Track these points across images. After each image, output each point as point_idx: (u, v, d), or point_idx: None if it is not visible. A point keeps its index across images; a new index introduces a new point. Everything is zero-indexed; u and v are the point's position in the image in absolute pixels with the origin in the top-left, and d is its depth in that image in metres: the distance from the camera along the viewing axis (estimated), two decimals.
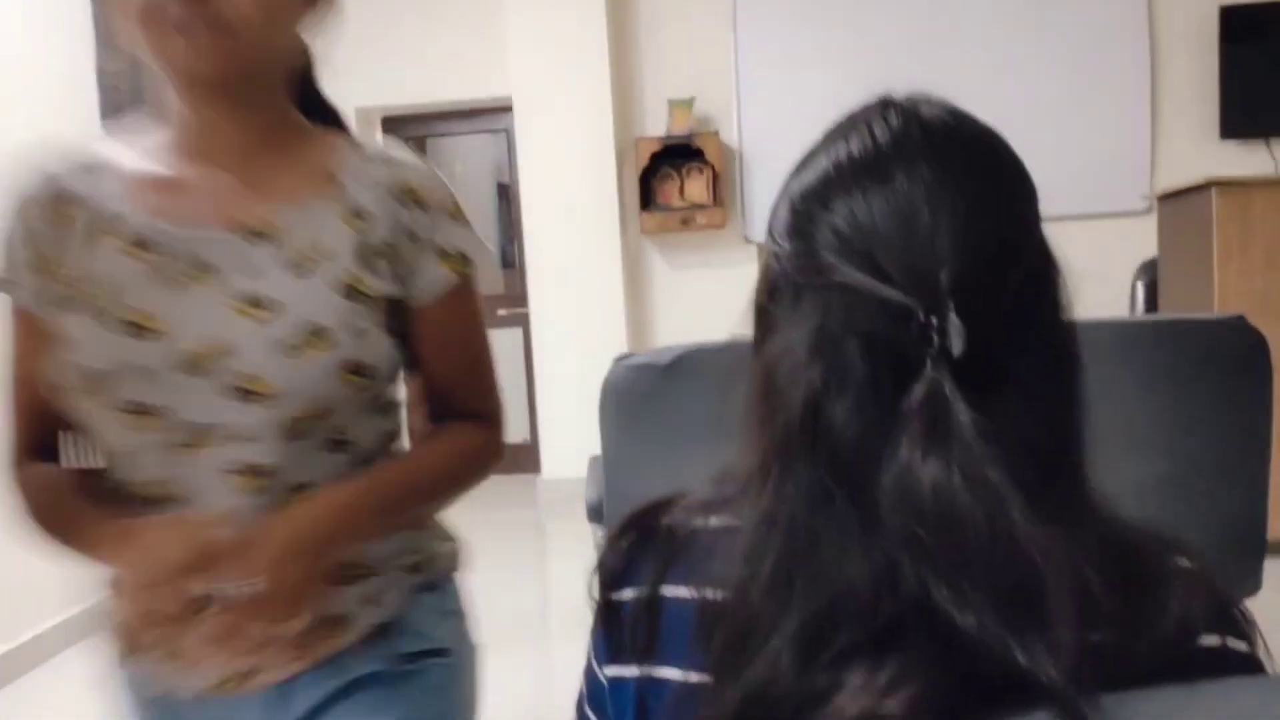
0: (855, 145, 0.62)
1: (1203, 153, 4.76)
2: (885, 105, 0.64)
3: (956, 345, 0.55)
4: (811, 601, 0.58)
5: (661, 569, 0.68)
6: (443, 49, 5.32)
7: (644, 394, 1.96)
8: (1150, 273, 4.17)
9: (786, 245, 0.63)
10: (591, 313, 5.03)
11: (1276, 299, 3.40)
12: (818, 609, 0.57)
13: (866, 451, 0.57)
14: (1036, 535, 0.54)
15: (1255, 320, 3.33)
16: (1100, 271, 4.48)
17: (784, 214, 0.65)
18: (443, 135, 5.94)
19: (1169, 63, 4.90)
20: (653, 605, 0.68)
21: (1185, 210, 3.61)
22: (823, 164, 0.63)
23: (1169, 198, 3.77)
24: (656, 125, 5.24)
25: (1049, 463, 0.58)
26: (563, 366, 5.02)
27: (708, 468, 0.72)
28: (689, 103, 5.10)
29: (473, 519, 0.72)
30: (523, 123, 5.10)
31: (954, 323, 0.55)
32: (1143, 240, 4.40)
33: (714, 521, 0.67)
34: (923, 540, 0.55)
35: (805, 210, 0.62)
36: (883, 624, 0.56)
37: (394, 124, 5.75)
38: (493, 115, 5.60)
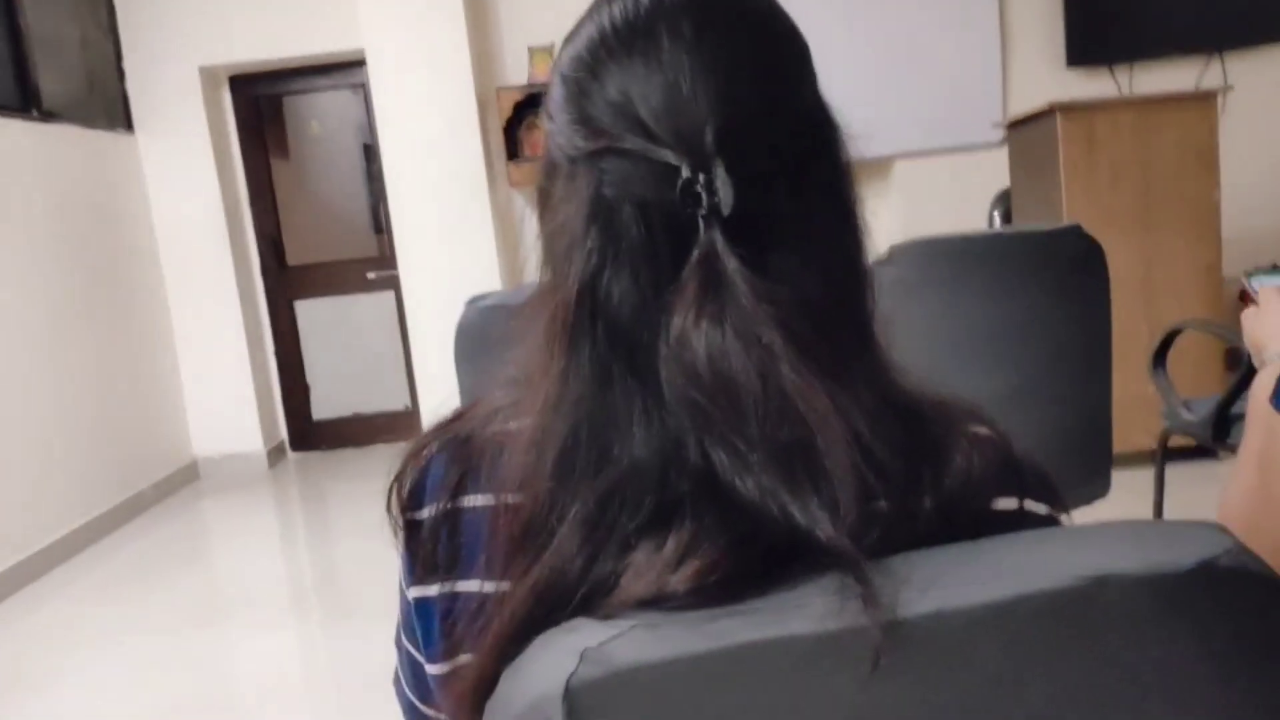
0: (618, 10, 0.61)
1: (1051, 81, 4.91)
2: None
3: (726, 202, 0.54)
4: (597, 485, 0.56)
5: (458, 480, 0.66)
6: (290, 2, 5.08)
7: (498, 337, 1.92)
8: (1005, 201, 4.30)
9: (560, 120, 0.62)
10: (465, 270, 4.92)
11: (1122, 215, 3.54)
12: (603, 492, 0.56)
13: (646, 322, 0.56)
14: (809, 392, 0.53)
15: (1101, 236, 3.47)
16: (962, 203, 4.64)
17: (556, 87, 0.63)
18: (299, 93, 5.69)
19: None
20: (451, 518, 0.65)
21: (1032, 136, 3.72)
22: (589, 31, 0.62)
23: (1017, 125, 3.88)
24: (518, 74, 5.13)
25: (828, 320, 0.57)
26: (438, 327, 4.90)
27: None
28: (550, 49, 5.00)
29: (357, 489, 0.67)
30: (378, 77, 4.91)
31: (721, 179, 0.55)
32: (1000, 170, 4.52)
33: (514, 424, 0.64)
34: (702, 407, 0.54)
35: (575, 81, 0.61)
36: (668, 499, 0.55)
37: (243, 83, 5.49)
38: (349, 70, 5.39)
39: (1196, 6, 4.88)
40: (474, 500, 0.65)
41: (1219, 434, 2.23)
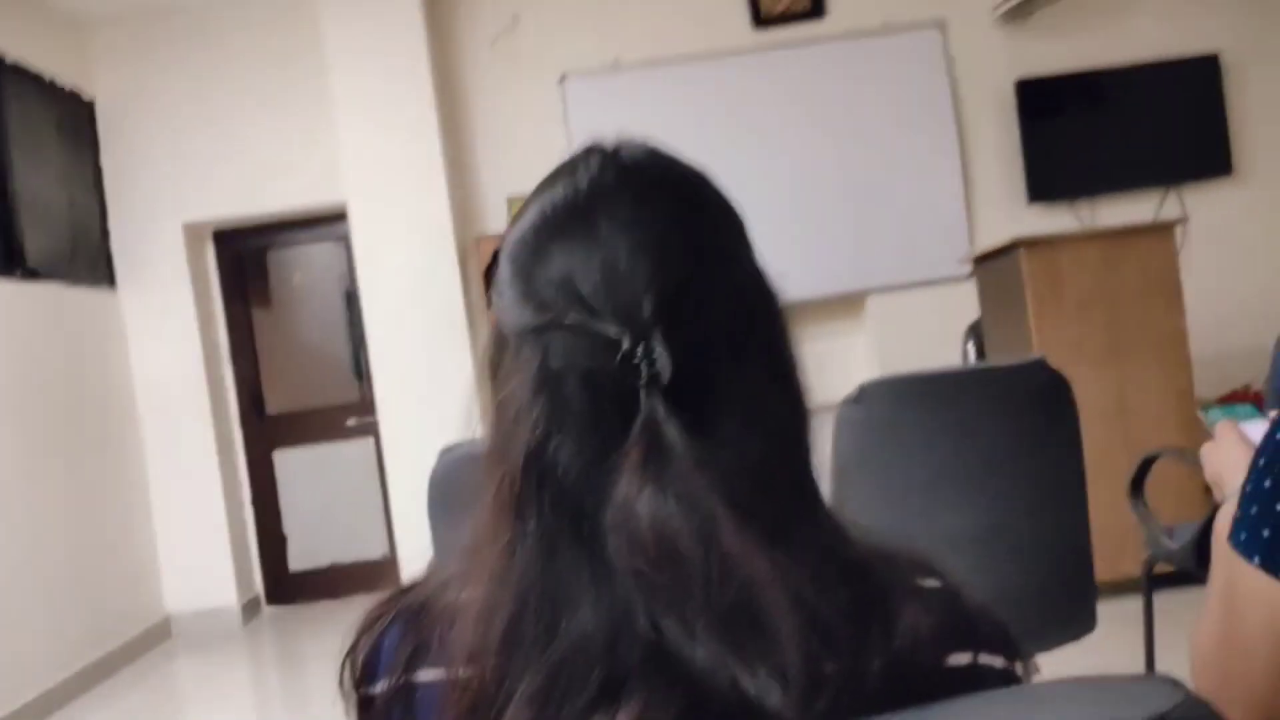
0: (560, 192, 0.64)
1: (1013, 217, 5.07)
2: (589, 151, 0.67)
3: (664, 371, 0.56)
4: (546, 658, 0.56)
5: (412, 654, 0.64)
6: (274, 158, 5.24)
7: (471, 487, 1.90)
8: (977, 333, 4.37)
9: (507, 296, 0.64)
10: (445, 416, 4.91)
11: (1090, 345, 3.60)
12: (552, 666, 0.56)
13: (591, 490, 0.57)
14: (751, 558, 0.54)
15: (1070, 365, 3.50)
16: (935, 335, 4.70)
17: (503, 266, 0.66)
18: (283, 246, 5.81)
19: (974, 135, 5.24)
20: (405, 694, 0.64)
21: (999, 270, 3.81)
22: (532, 214, 0.65)
23: (984, 260, 3.98)
24: (498, 223, 5.26)
25: (770, 482, 0.58)
26: (417, 474, 4.86)
27: None
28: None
29: (334, 647, 0.68)
30: (360, 229, 5.03)
31: (659, 349, 0.57)
32: (971, 301, 4.61)
33: (464, 595, 0.63)
34: (647, 575, 0.55)
35: (520, 260, 0.64)
36: (618, 671, 0.55)
37: (227, 238, 5.60)
38: (330, 224, 5.51)
39: (1151, 144, 5.10)
40: (428, 675, 0.64)
41: (1202, 561, 2.20)
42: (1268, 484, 0.81)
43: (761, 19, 5.25)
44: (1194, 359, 3.82)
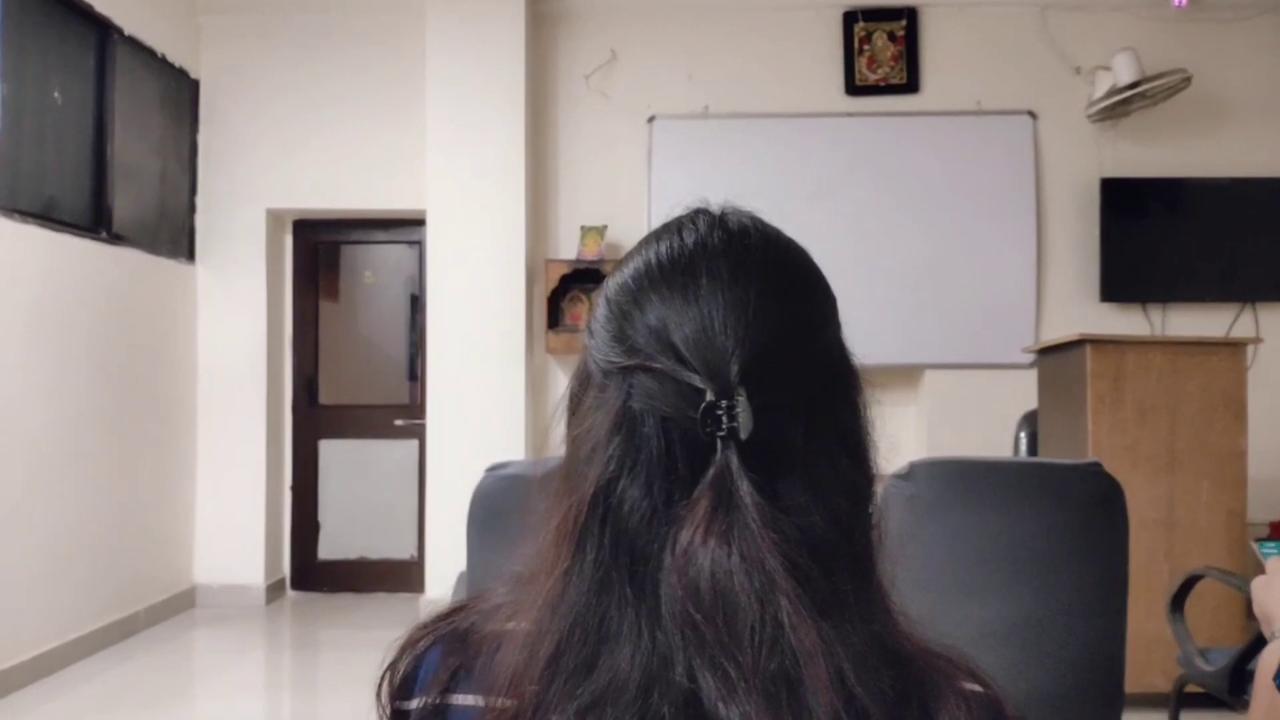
0: (665, 247, 0.67)
1: (1083, 312, 5.03)
2: (697, 213, 0.69)
3: (745, 427, 0.58)
4: (580, 695, 0.57)
5: (450, 676, 0.66)
6: (361, 157, 5.38)
7: (515, 507, 1.92)
8: (1033, 424, 4.32)
9: (600, 336, 0.66)
10: (491, 429, 4.98)
11: (1148, 452, 3.54)
12: (584, 704, 0.56)
13: (653, 534, 0.59)
14: (803, 627, 0.55)
15: (1124, 470, 3.46)
16: (988, 418, 4.66)
17: (600, 308, 0.68)
18: (356, 243, 5.94)
19: (1054, 226, 5.22)
20: (439, 715, 0.65)
21: (1062, 364, 3.78)
22: (637, 263, 0.68)
23: (1048, 351, 3.95)
24: (568, 249, 5.33)
25: (830, 555, 0.59)
26: (456, 483, 4.92)
27: None
28: (601, 230, 5.22)
29: (351, 638, 0.69)
30: (436, 236, 5.14)
31: (742, 406, 0.58)
32: (1029, 390, 4.57)
33: (512, 624, 0.65)
34: (698, 625, 0.55)
35: (618, 304, 0.66)
36: (651, 716, 0.55)
37: (306, 228, 5.74)
38: (407, 227, 5.64)
39: (1230, 259, 5.04)
40: (463, 699, 0.65)
41: (1234, 689, 2.16)
42: None
43: (855, 87, 5.29)
44: (1252, 480, 3.75)
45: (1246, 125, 5.17)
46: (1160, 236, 5.08)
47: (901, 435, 5.19)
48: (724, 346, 0.60)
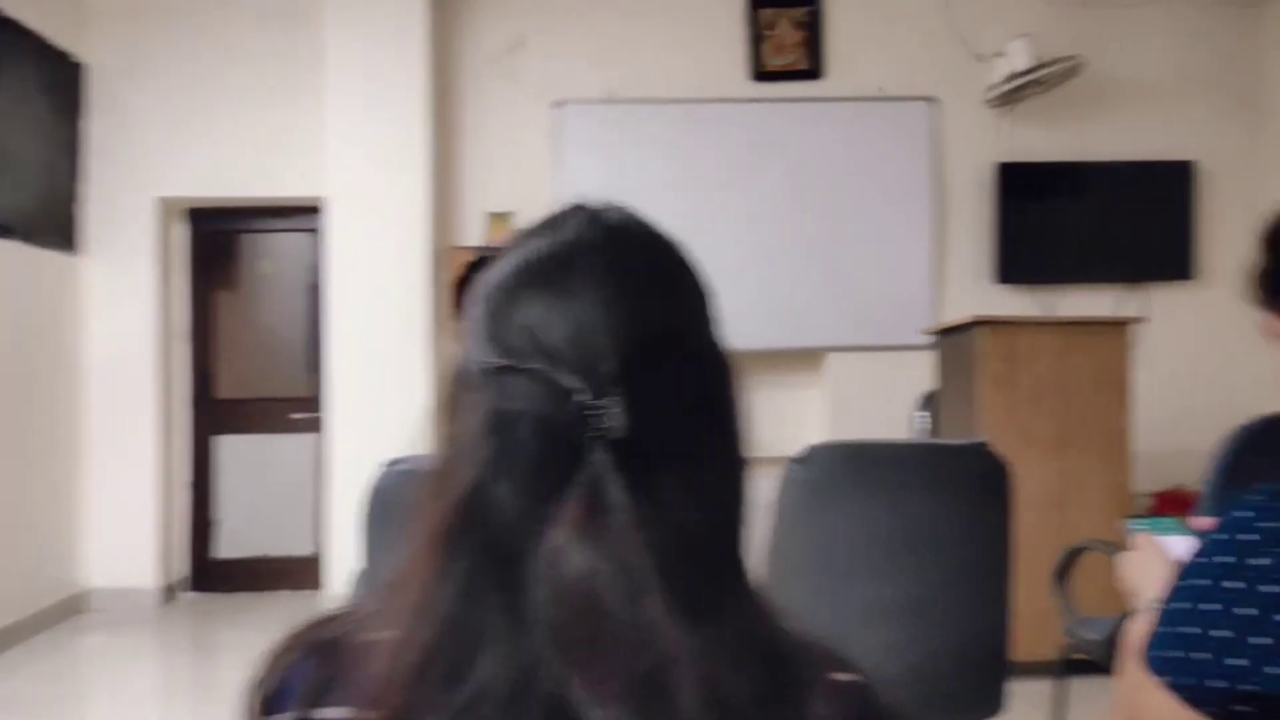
0: (542, 244, 0.66)
1: (978, 295, 5.16)
2: (574, 209, 0.68)
3: (617, 426, 0.58)
4: (448, 703, 0.56)
5: (320, 689, 0.64)
6: (258, 143, 5.21)
7: (410, 504, 1.89)
8: (931, 403, 4.43)
9: (474, 336, 0.66)
10: (394, 423, 4.89)
11: (1037, 430, 3.66)
12: (453, 712, 0.56)
13: (524, 537, 0.58)
14: (672, 627, 0.54)
15: (1016, 448, 3.56)
16: (890, 398, 4.76)
17: (476, 306, 0.67)
18: (254, 231, 5.77)
19: (952, 209, 5.34)
20: None
21: (958, 346, 3.87)
22: (512, 260, 0.66)
23: (945, 333, 4.04)
24: (475, 236, 5.26)
25: (704, 551, 0.59)
26: (357, 478, 4.82)
27: None
28: (508, 217, 5.16)
29: (250, 640, 0.67)
30: (336, 224, 5.02)
31: (614, 406, 0.58)
32: (928, 371, 4.69)
33: (380, 633, 0.63)
34: (566, 629, 0.55)
35: (492, 303, 0.65)
36: None
37: (201, 217, 5.55)
38: (306, 214, 5.48)
39: (1120, 240, 5.23)
40: (331, 713, 0.63)
41: (1114, 657, 2.25)
42: (1182, 605, 0.82)
43: (761, 72, 5.33)
44: (1138, 455, 3.91)
45: (1137, 110, 5.36)
46: (1054, 220, 5.24)
47: (806, 417, 5.28)
48: (598, 346, 0.60)
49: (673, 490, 0.59)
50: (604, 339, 0.60)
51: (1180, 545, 1.12)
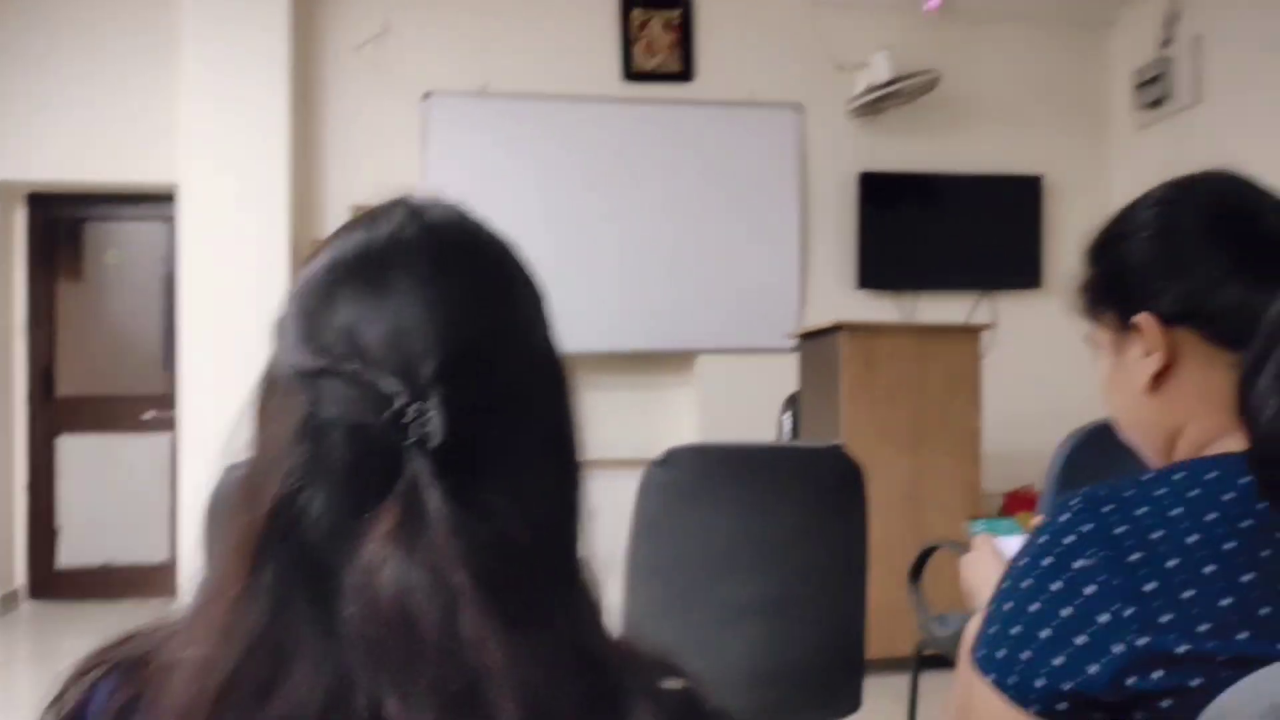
0: (358, 240, 0.63)
1: (842, 300, 5.31)
2: (396, 204, 0.66)
3: (436, 433, 0.55)
4: None
5: (121, 710, 0.60)
6: (107, 127, 4.93)
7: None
8: (795, 405, 4.53)
9: (287, 337, 0.62)
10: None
11: (893, 431, 3.79)
12: None
13: (336, 550, 0.55)
14: (488, 641, 0.53)
15: (874, 448, 3.67)
16: (758, 400, 4.84)
17: (288, 305, 0.64)
18: (101, 219, 5.45)
19: (817, 216, 5.47)
20: None
21: (820, 349, 3.98)
22: (327, 257, 0.63)
23: (807, 337, 4.14)
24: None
25: (527, 562, 0.57)
26: (212, 480, 4.62)
27: None
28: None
29: (83, 650, 0.62)
30: (188, 214, 4.79)
31: (433, 413, 0.55)
32: (793, 375, 4.79)
33: (187, 651, 0.59)
34: (378, 645, 0.53)
35: (306, 303, 0.62)
36: None
37: (42, 203, 5.22)
38: (159, 203, 5.22)
39: (974, 250, 5.46)
40: None
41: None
42: (1008, 606, 0.85)
43: (632, 73, 5.34)
44: (988, 455, 4.09)
45: (990, 125, 5.60)
46: (912, 228, 5.43)
47: (677, 419, 5.32)
48: (417, 348, 0.57)
49: (496, 498, 0.57)
50: (423, 341, 0.58)
51: (1015, 546, 1.16)
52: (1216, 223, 0.93)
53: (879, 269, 5.39)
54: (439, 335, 0.58)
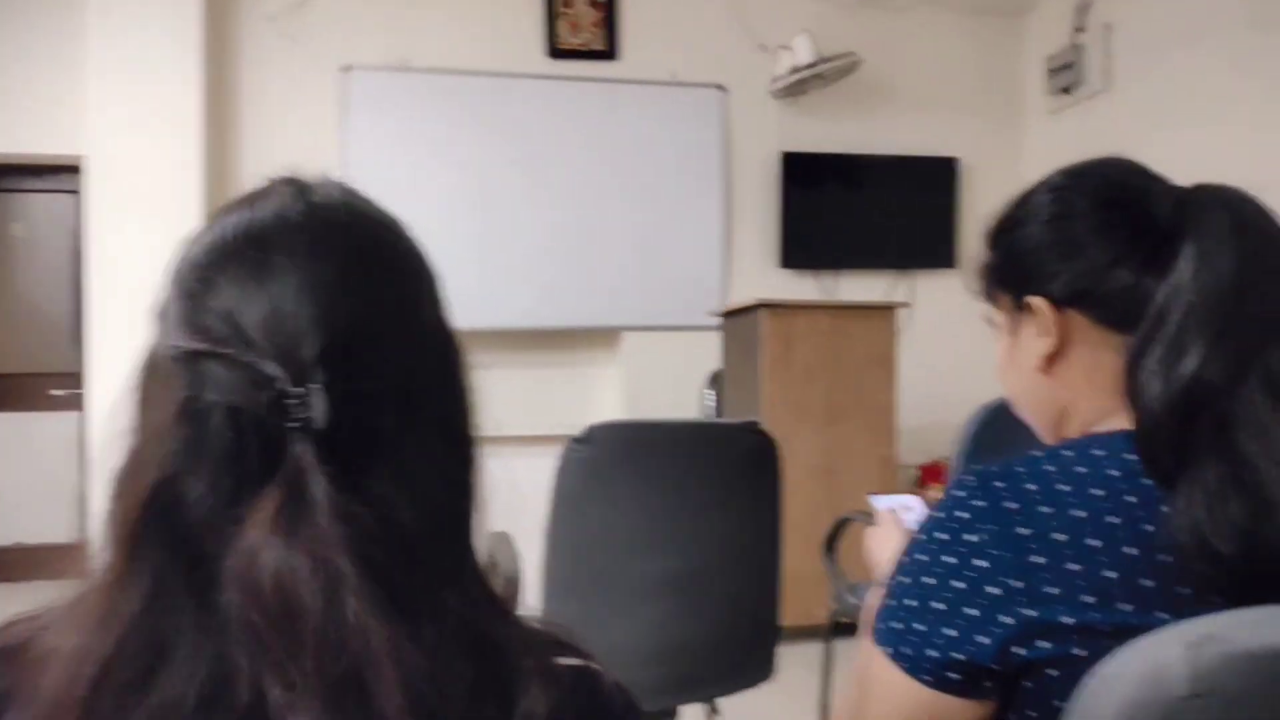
0: (240, 219, 0.62)
1: (765, 279, 5.37)
2: (280, 182, 0.65)
3: (319, 417, 0.55)
4: (134, 716, 0.52)
5: None
6: (8, 95, 4.73)
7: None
8: (718, 382, 4.59)
9: (167, 320, 0.61)
10: None
11: (812, 406, 3.87)
12: None
13: (216, 535, 0.54)
14: (371, 626, 0.52)
15: (793, 423, 3.74)
16: (683, 377, 4.88)
17: (168, 288, 0.63)
18: (6, 192, 5.23)
19: (741, 195, 5.52)
20: None
21: (742, 327, 4.03)
22: (208, 237, 0.62)
23: (729, 315, 4.19)
24: None
25: (416, 547, 0.57)
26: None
27: None
28: None
29: None
30: (97, 187, 4.63)
31: (316, 395, 0.55)
32: (716, 351, 4.84)
33: (65, 638, 0.58)
34: (260, 631, 0.52)
35: (186, 284, 0.61)
36: None
37: None
38: (65, 174, 5.03)
39: (892, 229, 5.57)
40: None
41: None
42: (905, 580, 0.87)
43: (557, 50, 5.31)
44: (904, 429, 4.20)
45: (910, 108, 5.70)
46: (833, 208, 5.51)
47: (603, 395, 5.35)
48: (299, 330, 0.57)
49: (384, 483, 0.57)
50: (305, 323, 0.57)
51: (917, 519, 1.21)
52: (1106, 209, 0.95)
53: (801, 248, 5.47)
54: (321, 317, 0.57)
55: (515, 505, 0.69)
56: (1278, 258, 0.85)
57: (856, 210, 5.53)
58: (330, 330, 0.57)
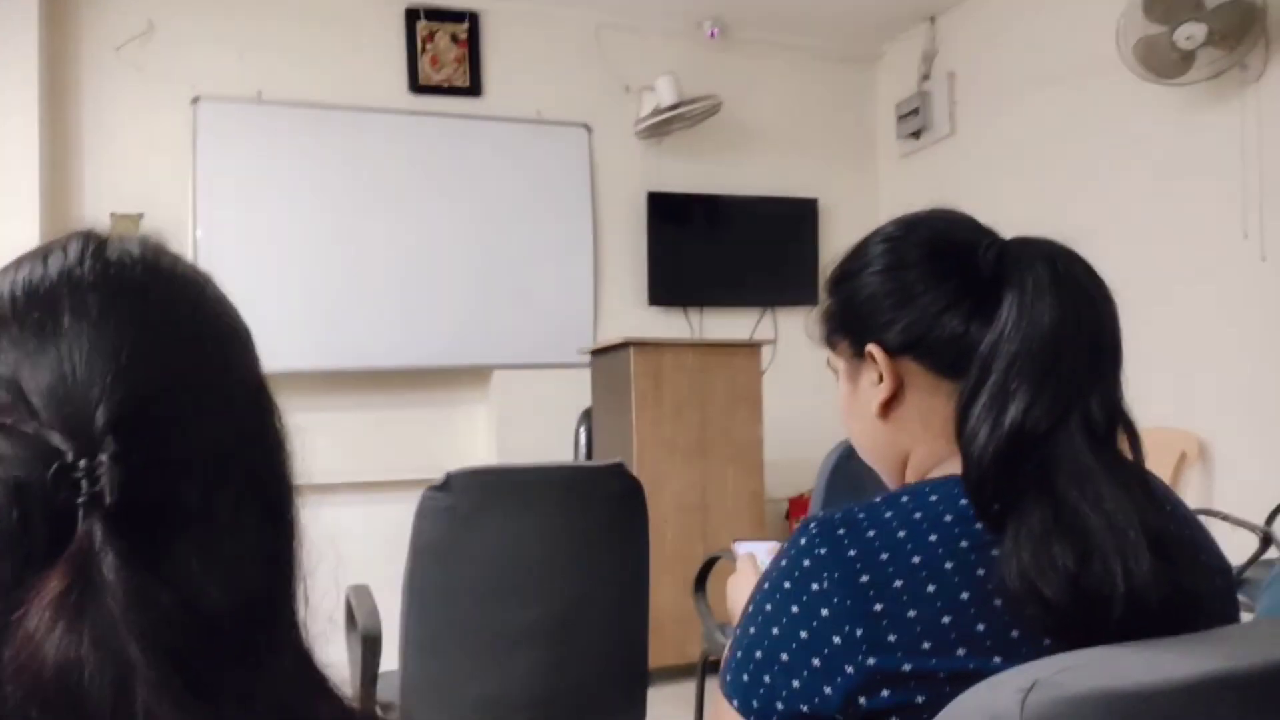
0: (25, 276, 0.57)
1: (635, 316, 5.41)
2: (74, 237, 0.60)
3: (108, 491, 0.50)
4: None
5: None
6: None
7: None
8: (589, 420, 4.57)
9: None
10: None
11: (681, 443, 3.89)
12: None
13: None
14: (164, 718, 0.48)
15: (663, 460, 3.73)
16: (555, 415, 4.84)
17: None
18: None
19: (609, 234, 5.55)
20: None
21: (611, 364, 4.04)
22: None
23: (598, 353, 4.19)
24: None
25: (224, 629, 0.53)
26: None
27: None
28: (136, 218, 4.69)
29: None
30: None
31: (106, 466, 0.50)
32: (588, 389, 4.83)
33: None
34: None
35: None
36: None
37: None
38: None
39: (756, 267, 5.69)
40: None
41: None
42: (752, 630, 0.86)
43: (419, 85, 5.25)
44: (771, 463, 4.26)
45: (771, 150, 5.85)
46: (698, 246, 5.60)
47: (472, 435, 5.26)
48: (88, 397, 0.52)
49: (187, 559, 0.53)
50: (95, 390, 0.52)
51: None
52: (936, 259, 0.98)
53: (668, 286, 5.52)
54: (114, 383, 0.53)
55: (379, 555, 0.65)
56: (1093, 308, 0.89)
57: (722, 248, 5.63)
58: (124, 397, 0.53)
